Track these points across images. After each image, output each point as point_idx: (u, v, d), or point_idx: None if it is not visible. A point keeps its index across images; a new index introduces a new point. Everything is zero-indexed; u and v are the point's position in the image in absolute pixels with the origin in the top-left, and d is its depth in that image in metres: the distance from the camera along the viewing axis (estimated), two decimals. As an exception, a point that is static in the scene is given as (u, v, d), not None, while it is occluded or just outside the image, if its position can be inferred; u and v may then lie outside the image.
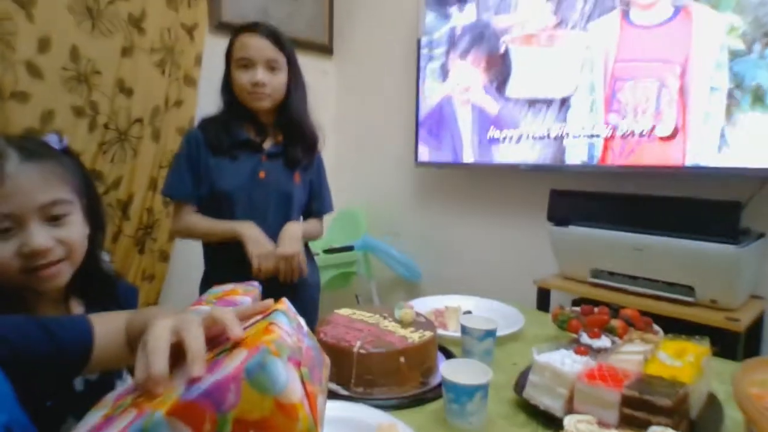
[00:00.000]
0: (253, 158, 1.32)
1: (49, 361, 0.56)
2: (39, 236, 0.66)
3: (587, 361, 0.78)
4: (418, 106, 2.20)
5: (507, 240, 2.10)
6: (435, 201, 2.38)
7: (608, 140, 1.59)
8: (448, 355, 0.97)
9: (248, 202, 1.31)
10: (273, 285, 1.33)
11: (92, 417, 0.45)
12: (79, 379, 0.71)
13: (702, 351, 0.80)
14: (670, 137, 1.46)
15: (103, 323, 0.62)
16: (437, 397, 0.80)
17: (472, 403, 0.72)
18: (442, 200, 2.35)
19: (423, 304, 1.23)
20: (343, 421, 0.70)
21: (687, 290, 1.36)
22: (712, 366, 0.82)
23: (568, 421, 0.62)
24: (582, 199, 1.59)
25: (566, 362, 0.77)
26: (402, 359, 0.80)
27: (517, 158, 1.84)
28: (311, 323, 1.43)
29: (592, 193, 1.61)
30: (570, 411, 0.73)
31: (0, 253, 0.64)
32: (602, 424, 0.63)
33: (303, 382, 0.40)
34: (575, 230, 1.55)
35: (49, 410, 0.66)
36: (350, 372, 0.80)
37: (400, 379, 0.80)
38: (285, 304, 0.52)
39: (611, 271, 1.53)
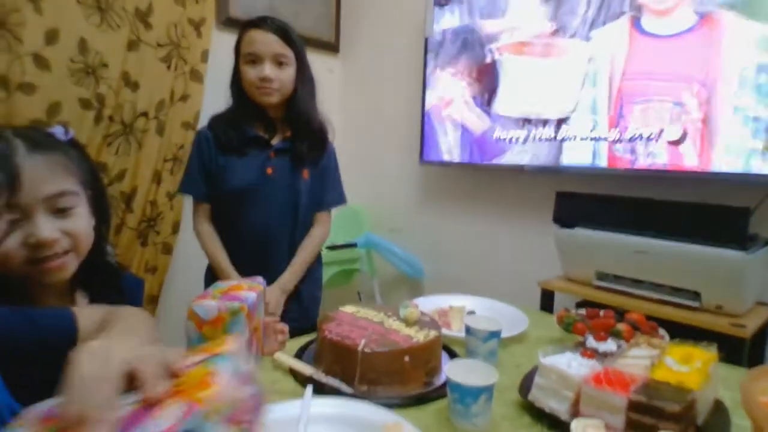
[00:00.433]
0: (261, 155, 1.33)
1: (35, 350, 0.57)
2: (45, 228, 0.66)
3: (594, 365, 0.77)
4: (424, 105, 2.19)
5: (511, 241, 2.09)
6: (439, 200, 2.38)
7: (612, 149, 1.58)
8: (452, 355, 0.96)
9: (256, 198, 1.32)
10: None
11: None
12: None
13: (710, 357, 0.79)
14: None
15: (86, 315, 0.63)
16: (441, 396, 0.79)
17: (477, 405, 0.71)
18: (447, 199, 2.34)
19: (426, 303, 1.22)
20: (348, 419, 0.69)
21: (693, 295, 1.36)
22: (718, 372, 0.81)
23: (576, 425, 0.61)
24: (588, 202, 1.58)
25: (573, 365, 0.76)
26: (406, 358, 0.79)
27: (523, 159, 1.83)
28: (312, 319, 1.44)
29: (599, 195, 1.60)
30: (575, 414, 0.72)
31: (5, 244, 0.64)
32: (609, 429, 0.62)
33: None
34: (581, 233, 1.54)
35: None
36: (354, 370, 0.79)
37: (404, 378, 0.80)
38: (235, 342, 0.49)
39: (616, 274, 1.52)
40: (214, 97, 1.48)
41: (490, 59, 1.66)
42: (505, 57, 1.63)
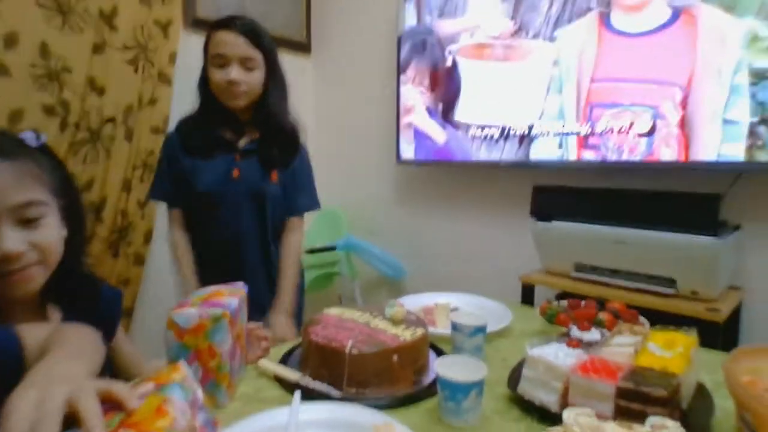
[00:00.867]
0: (227, 157, 1.30)
1: None
2: (10, 240, 0.62)
3: (579, 354, 0.78)
4: (398, 104, 2.19)
5: (490, 236, 2.11)
6: (417, 199, 2.38)
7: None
8: (439, 352, 0.96)
9: (223, 201, 1.29)
10: (257, 287, 1.31)
11: None
12: None
13: (690, 341, 0.81)
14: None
15: (30, 336, 0.60)
16: (431, 395, 0.78)
17: (468, 400, 0.71)
18: (425, 198, 2.35)
19: (411, 302, 1.21)
20: (338, 423, 0.68)
21: (668, 282, 1.39)
22: (699, 356, 0.83)
23: (568, 414, 0.61)
24: (564, 195, 1.60)
25: (559, 355, 0.77)
26: (395, 358, 0.78)
27: (498, 155, 1.84)
28: (297, 326, 1.40)
29: (574, 188, 1.62)
30: (565, 405, 0.73)
31: None
32: (600, 417, 0.63)
33: None
34: (558, 225, 1.56)
35: None
36: (342, 372, 0.78)
37: (393, 378, 0.79)
38: (182, 370, 0.51)
39: (594, 265, 1.54)
40: (182, 100, 1.44)
41: (451, 63, 1.52)
42: (465, 61, 1.49)
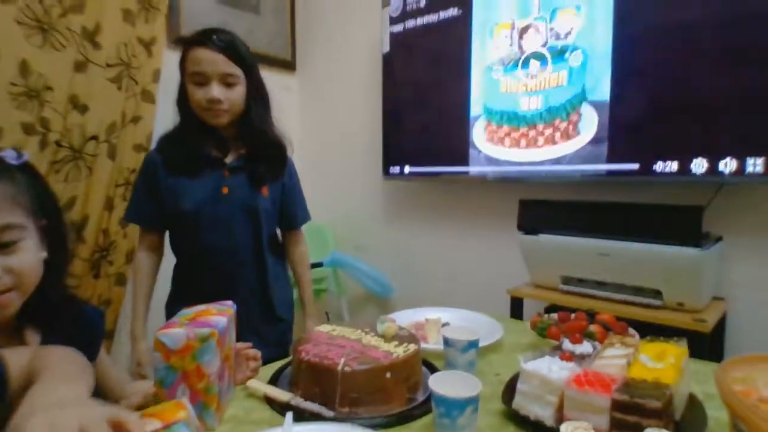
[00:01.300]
0: (214, 174, 1.25)
1: None
2: None
3: (573, 367, 0.78)
4: (384, 119, 2.20)
5: (478, 251, 2.11)
6: (404, 214, 2.38)
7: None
8: (431, 368, 0.95)
9: (213, 219, 1.24)
10: (251, 306, 1.29)
11: None
12: None
13: (681, 352, 0.82)
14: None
15: (12, 359, 0.58)
16: (426, 412, 0.77)
17: (463, 417, 0.70)
18: (412, 213, 2.35)
19: (402, 318, 1.20)
20: (332, 444, 0.66)
21: (655, 294, 1.40)
22: (690, 367, 0.84)
23: (565, 428, 0.61)
24: (550, 208, 1.62)
25: (553, 369, 0.76)
26: (388, 375, 0.77)
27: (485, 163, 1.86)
28: (286, 345, 1.36)
29: (560, 202, 1.64)
30: (560, 419, 0.72)
31: None
32: (596, 431, 0.62)
33: None
34: (544, 239, 1.58)
35: None
36: (334, 391, 0.76)
37: (386, 396, 0.78)
38: (187, 408, 0.52)
39: (581, 277, 1.56)
40: (166, 117, 1.42)
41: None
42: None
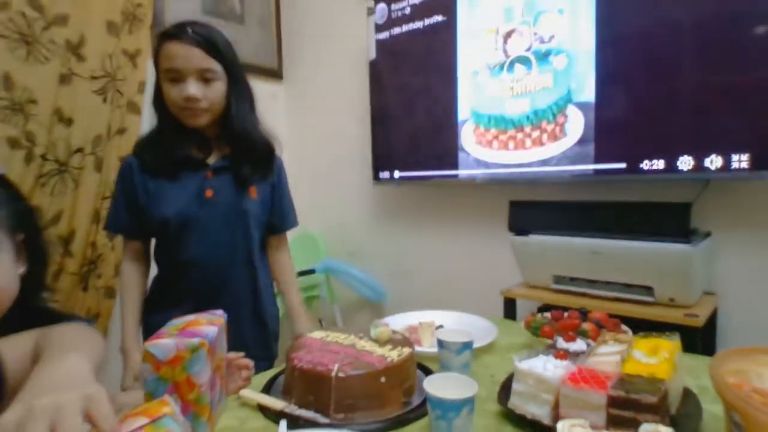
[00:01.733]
0: (197, 176, 1.17)
1: None
2: None
3: (567, 365, 0.78)
4: (373, 125, 2.20)
5: (470, 253, 2.11)
6: (396, 218, 2.38)
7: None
8: (426, 371, 0.94)
9: (196, 224, 1.16)
10: (242, 315, 1.25)
11: None
12: None
13: (675, 346, 0.82)
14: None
15: (12, 352, 0.56)
16: (422, 416, 0.77)
17: (460, 419, 0.69)
18: (403, 217, 2.35)
19: (394, 322, 1.20)
20: (327, 451, 0.65)
21: (646, 290, 1.41)
22: (683, 361, 0.84)
23: (562, 426, 0.60)
24: (540, 209, 1.62)
25: (548, 367, 0.76)
26: (383, 379, 0.76)
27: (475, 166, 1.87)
28: (273, 358, 1.31)
29: (550, 202, 1.65)
30: (557, 417, 0.72)
31: None
32: (593, 427, 0.62)
33: None
34: (535, 239, 1.58)
35: None
36: (329, 398, 0.75)
37: (381, 401, 0.77)
38: (170, 405, 0.52)
39: (572, 276, 1.56)
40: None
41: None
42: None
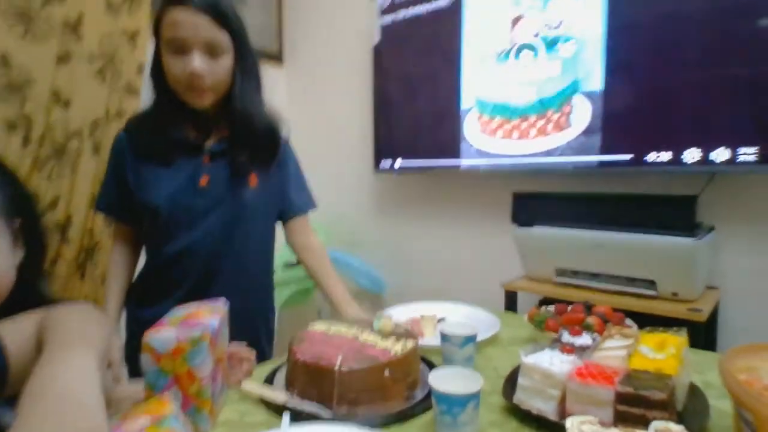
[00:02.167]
0: (192, 161, 1.07)
1: None
2: None
3: (574, 360, 0.77)
4: (375, 113, 2.17)
5: (472, 244, 2.10)
6: (397, 208, 2.36)
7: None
8: (429, 365, 0.93)
9: (188, 214, 1.07)
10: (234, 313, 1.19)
11: None
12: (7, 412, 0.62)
13: (682, 342, 0.81)
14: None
15: (13, 335, 0.55)
16: (426, 410, 0.76)
17: (465, 414, 0.68)
18: (404, 207, 2.33)
19: (396, 314, 1.19)
20: (331, 445, 0.64)
21: (649, 284, 1.40)
22: (689, 357, 0.83)
23: (571, 423, 0.59)
24: (544, 201, 1.61)
25: (555, 362, 0.75)
26: (387, 373, 0.75)
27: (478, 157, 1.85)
28: (264, 355, 1.21)
29: (553, 193, 1.63)
30: (563, 413, 0.71)
31: None
32: (601, 424, 0.61)
33: None
34: (538, 231, 1.57)
35: None
36: (332, 391, 0.74)
37: (385, 394, 0.76)
38: (171, 403, 0.54)
39: (575, 269, 1.55)
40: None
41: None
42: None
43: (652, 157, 1.45)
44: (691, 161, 1.38)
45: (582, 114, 1.57)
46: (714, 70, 1.34)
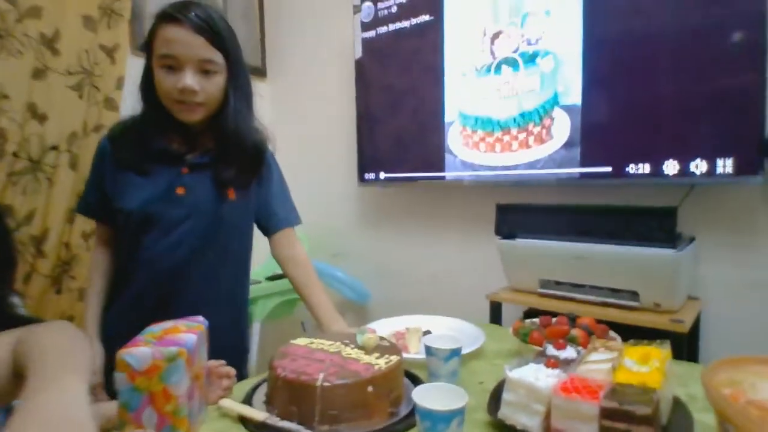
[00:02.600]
0: (170, 171, 1.06)
1: None
2: None
3: (559, 374, 0.76)
4: (358, 125, 2.18)
5: (456, 256, 2.10)
6: (381, 220, 2.35)
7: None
8: (413, 379, 0.92)
9: (159, 222, 1.05)
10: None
11: None
12: None
13: (665, 355, 0.81)
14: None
15: None
16: (409, 427, 0.74)
17: (449, 431, 0.67)
18: (389, 219, 2.32)
19: (381, 327, 1.17)
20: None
21: (631, 295, 1.41)
22: (673, 369, 0.83)
23: (556, 440, 0.59)
24: (527, 212, 1.61)
25: (539, 376, 0.74)
26: (370, 388, 0.73)
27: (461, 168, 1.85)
28: (239, 372, 1.15)
29: (536, 206, 1.64)
30: (548, 429, 0.70)
31: None
32: (587, 440, 0.61)
33: None
34: (522, 243, 1.57)
35: None
36: (313, 408, 0.72)
37: (368, 411, 0.74)
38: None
39: (558, 280, 1.55)
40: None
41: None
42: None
43: (631, 169, 1.47)
44: (670, 173, 1.41)
45: (562, 127, 1.59)
46: (689, 84, 1.37)
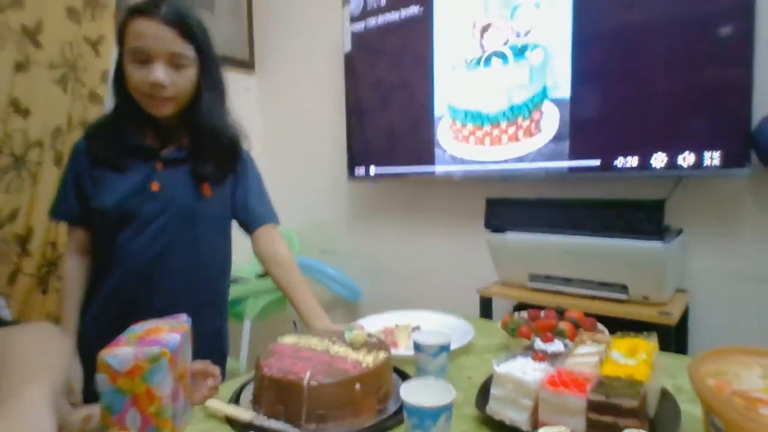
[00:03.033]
0: (145, 167, 1.07)
1: None
2: None
3: (546, 368, 0.76)
4: (348, 120, 2.16)
5: (447, 251, 2.10)
6: (371, 216, 2.34)
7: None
8: (402, 375, 0.91)
9: (134, 219, 1.05)
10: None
11: None
12: None
13: (652, 347, 0.81)
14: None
15: None
16: (398, 423, 0.74)
17: (437, 426, 0.66)
18: (379, 215, 2.32)
19: (370, 323, 1.17)
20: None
21: (620, 288, 1.42)
22: (660, 361, 0.83)
23: (542, 435, 0.58)
24: (516, 206, 1.61)
25: (527, 371, 0.74)
26: (358, 386, 0.73)
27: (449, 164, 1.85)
28: (220, 358, 1.17)
29: (526, 199, 1.64)
30: (536, 423, 0.70)
31: None
32: (574, 434, 0.60)
33: None
34: (511, 237, 1.57)
35: None
36: (300, 407, 0.71)
37: (356, 409, 0.74)
38: None
39: (548, 274, 1.56)
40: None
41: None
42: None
43: (620, 162, 1.47)
44: (658, 166, 1.41)
45: (551, 120, 1.59)
46: (677, 78, 1.37)
